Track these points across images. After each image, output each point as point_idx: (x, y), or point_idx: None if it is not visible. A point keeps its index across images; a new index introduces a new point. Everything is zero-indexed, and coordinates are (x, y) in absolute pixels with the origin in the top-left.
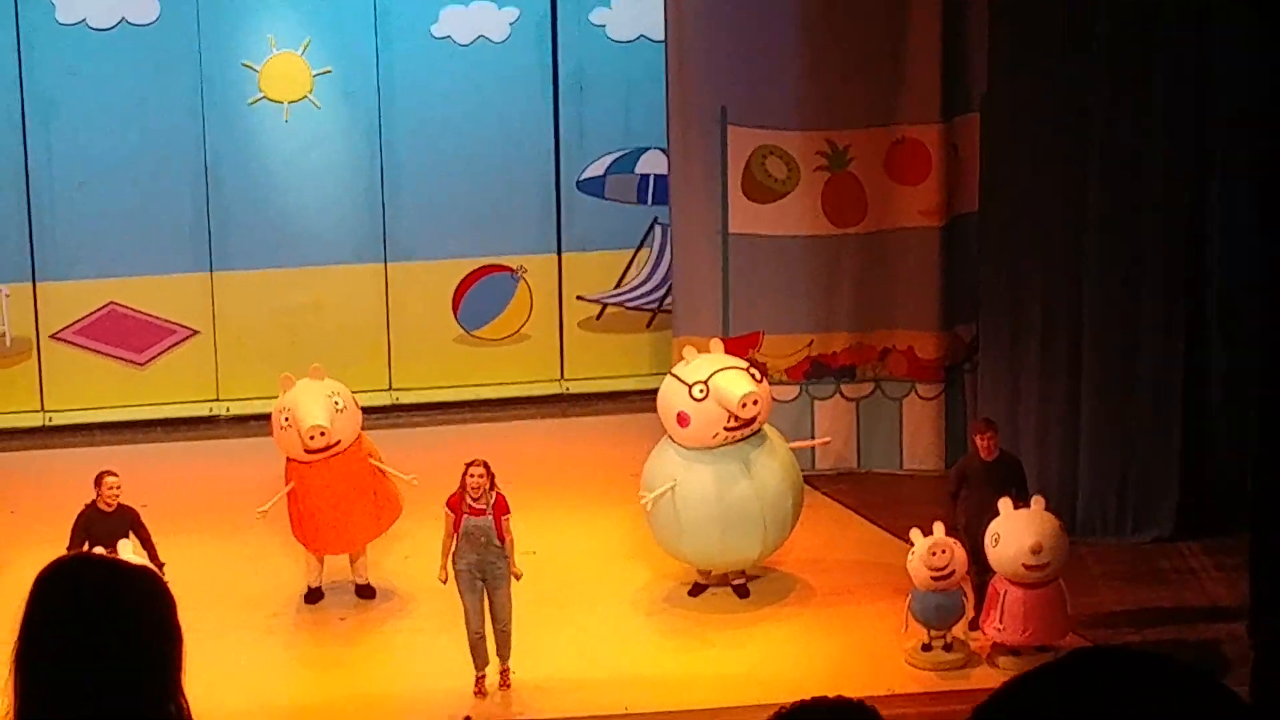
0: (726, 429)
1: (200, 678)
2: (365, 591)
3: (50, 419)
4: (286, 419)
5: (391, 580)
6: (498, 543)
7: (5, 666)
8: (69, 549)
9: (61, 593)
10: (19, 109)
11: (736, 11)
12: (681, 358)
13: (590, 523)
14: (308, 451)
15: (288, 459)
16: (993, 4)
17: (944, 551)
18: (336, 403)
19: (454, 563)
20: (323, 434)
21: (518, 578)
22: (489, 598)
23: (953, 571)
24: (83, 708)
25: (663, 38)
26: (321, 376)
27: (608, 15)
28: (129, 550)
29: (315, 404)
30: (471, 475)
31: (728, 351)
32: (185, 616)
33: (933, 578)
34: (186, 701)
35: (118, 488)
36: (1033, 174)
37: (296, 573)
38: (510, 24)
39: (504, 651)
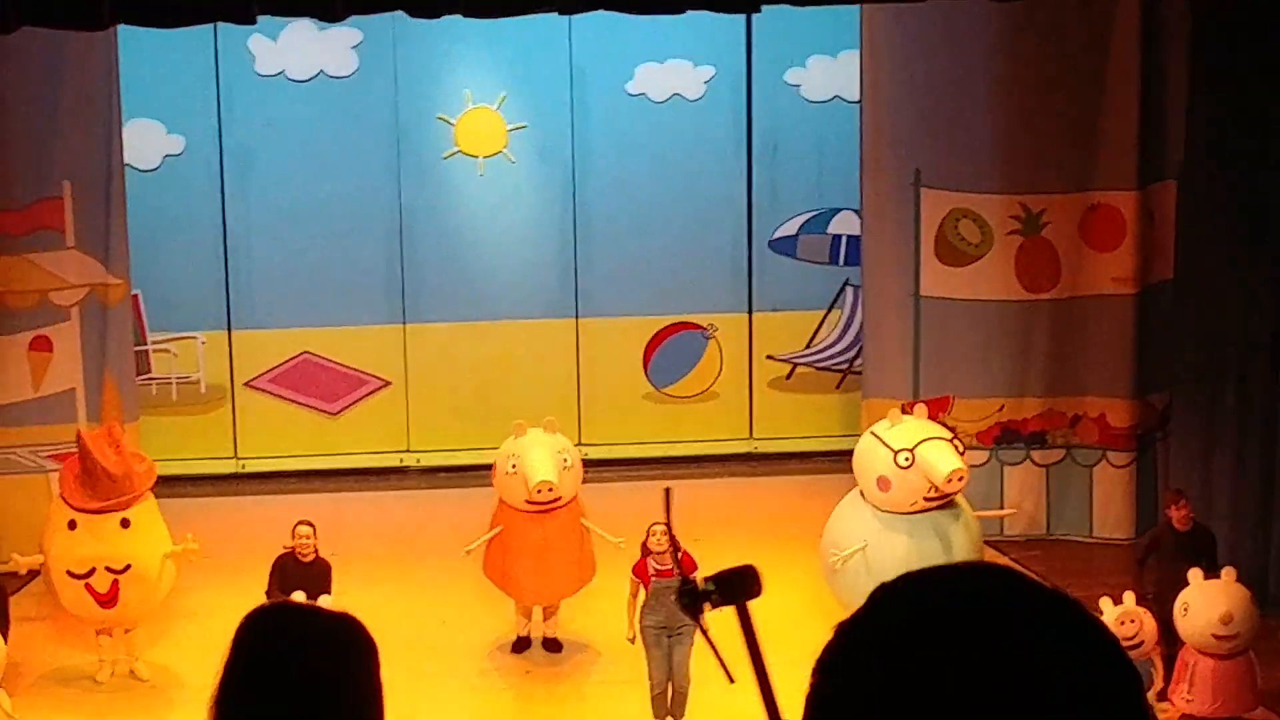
0: (926, 499)
1: None
2: (552, 645)
3: (243, 466)
4: (514, 466)
5: (579, 634)
6: None
7: (204, 710)
8: (267, 594)
9: (264, 640)
10: (218, 159)
11: (932, 74)
12: (884, 417)
13: (775, 582)
14: (529, 503)
15: (501, 502)
16: (1190, 74)
17: (1133, 621)
18: (565, 460)
19: (642, 619)
20: (550, 489)
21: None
22: (672, 654)
23: (1142, 641)
24: None
25: (857, 98)
26: (555, 430)
27: (803, 75)
28: (328, 604)
29: (546, 458)
30: (653, 534)
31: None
32: None
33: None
34: None
35: (309, 538)
36: (1227, 246)
37: (482, 624)
38: (705, 82)
39: (678, 711)
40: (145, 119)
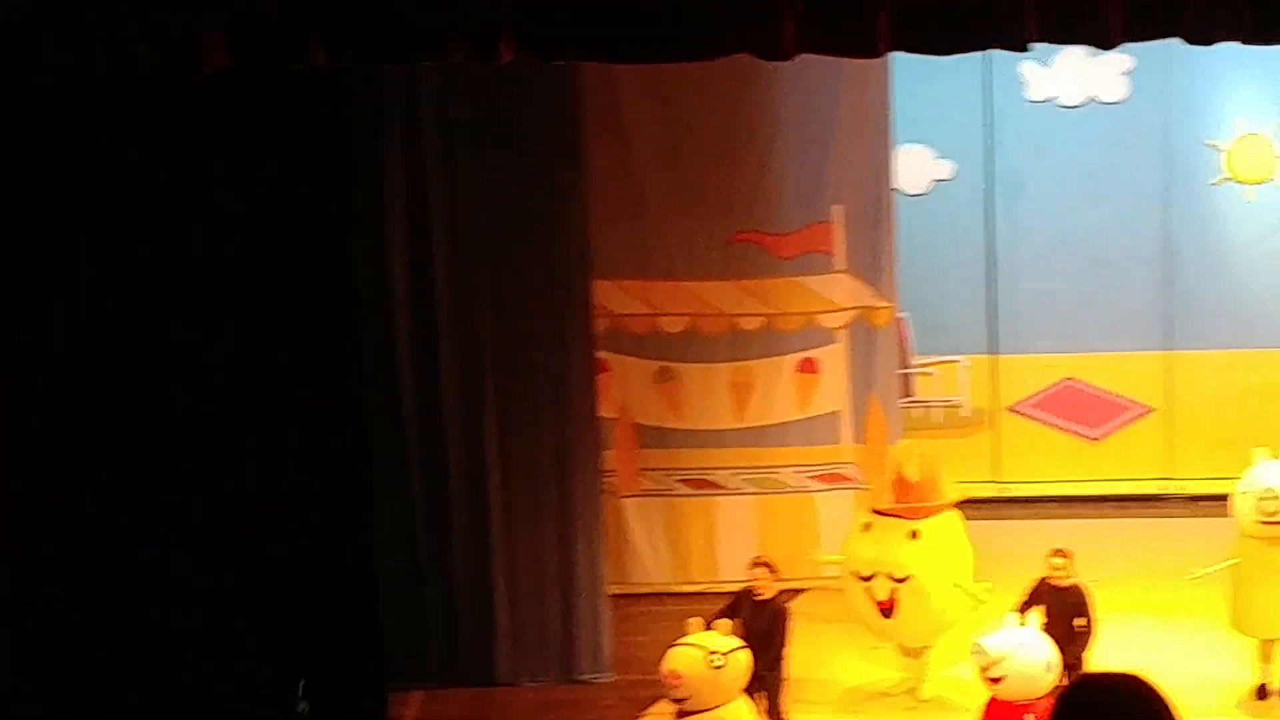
0: None
1: None
2: (1261, 693)
3: (1005, 489)
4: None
5: None
6: None
7: None
8: (1020, 609)
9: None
10: (987, 184)
11: None
12: None
13: None
14: (1261, 523)
15: (1240, 533)
16: None
17: None
18: None
19: None
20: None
21: None
22: None
23: None
24: None
25: None
26: None
27: None
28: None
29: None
30: None
31: None
32: None
33: None
34: None
35: (1063, 568)
36: None
37: (1234, 662)
38: None
39: None
40: (915, 144)
